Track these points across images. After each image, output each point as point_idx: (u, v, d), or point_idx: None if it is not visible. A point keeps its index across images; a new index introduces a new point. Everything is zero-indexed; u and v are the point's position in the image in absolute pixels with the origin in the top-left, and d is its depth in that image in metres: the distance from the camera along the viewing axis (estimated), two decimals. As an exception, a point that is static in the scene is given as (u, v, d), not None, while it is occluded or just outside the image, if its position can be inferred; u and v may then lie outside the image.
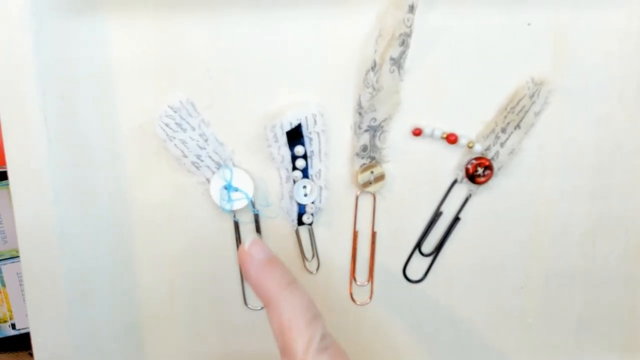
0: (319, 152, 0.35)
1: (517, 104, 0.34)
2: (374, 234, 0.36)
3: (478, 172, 0.35)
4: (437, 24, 0.33)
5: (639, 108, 0.35)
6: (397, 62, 0.33)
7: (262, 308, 0.37)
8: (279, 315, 0.27)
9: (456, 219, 0.36)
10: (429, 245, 0.37)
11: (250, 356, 0.38)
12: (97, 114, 0.33)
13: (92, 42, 0.32)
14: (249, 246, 0.29)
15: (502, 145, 0.35)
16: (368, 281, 0.37)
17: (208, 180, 0.35)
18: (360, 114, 0.34)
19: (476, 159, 0.35)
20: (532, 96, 0.34)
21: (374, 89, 0.33)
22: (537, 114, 0.34)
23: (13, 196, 0.31)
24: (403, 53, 0.33)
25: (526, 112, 0.34)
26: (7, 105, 0.30)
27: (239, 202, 0.35)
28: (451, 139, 0.34)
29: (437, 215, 0.36)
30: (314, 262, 0.37)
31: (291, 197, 0.35)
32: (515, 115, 0.34)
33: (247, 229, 0.36)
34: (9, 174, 0.31)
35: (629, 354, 0.39)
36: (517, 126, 0.34)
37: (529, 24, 0.34)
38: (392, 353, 0.38)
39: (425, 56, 0.33)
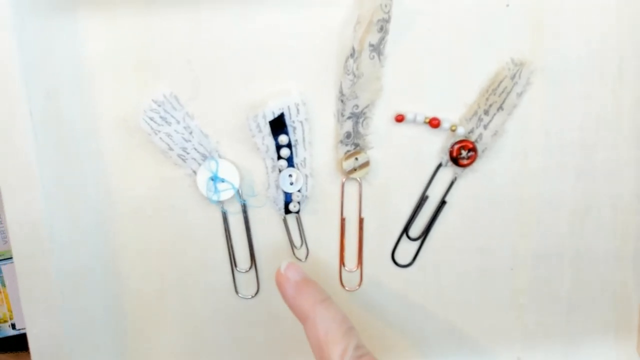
0: (303, 140, 0.36)
1: (499, 85, 0.35)
2: (361, 220, 0.37)
3: (462, 154, 0.36)
4: (416, 8, 0.34)
5: (620, 84, 0.36)
6: (377, 49, 0.34)
7: (252, 297, 0.39)
8: (315, 329, 0.30)
9: (442, 203, 0.37)
10: (416, 230, 0.38)
11: (242, 345, 0.39)
12: (81, 109, 0.35)
13: (74, 39, 0.34)
14: (285, 269, 0.33)
15: (485, 127, 0.36)
16: (357, 267, 0.38)
17: (195, 172, 0.36)
18: (342, 101, 0.35)
19: (459, 142, 0.36)
20: (513, 77, 0.35)
21: (354, 75, 0.34)
22: (519, 95, 0.35)
23: (3, 194, 0.33)
24: (382, 39, 0.34)
25: (508, 93, 0.35)
26: (-8, 104, 0.32)
27: (226, 193, 0.36)
28: (434, 123, 0.36)
29: (423, 199, 0.37)
30: (303, 250, 0.38)
31: (277, 186, 0.36)
32: (497, 97, 0.35)
33: (235, 219, 0.37)
34: (-2, 172, 0.33)
35: (620, 333, 0.40)
36: (500, 108, 0.36)
37: (507, 5, 0.35)
38: (382, 338, 0.39)
39: (404, 41, 0.35)
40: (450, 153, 0.36)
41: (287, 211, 0.37)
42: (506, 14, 0.35)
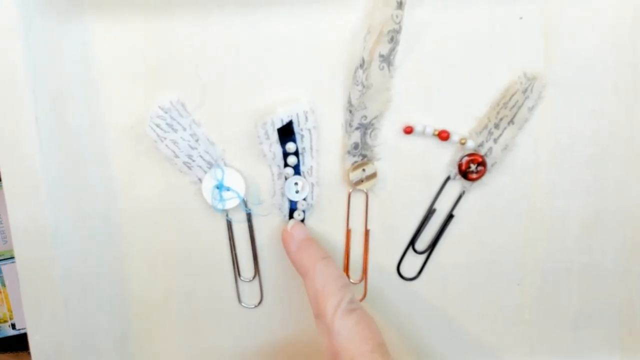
0: (311, 149, 0.36)
1: (510, 99, 0.35)
2: (367, 232, 0.38)
3: (471, 168, 0.36)
4: (427, 19, 0.34)
5: (633, 99, 0.36)
6: (387, 59, 0.34)
7: (255, 306, 0.39)
8: (314, 282, 0.32)
9: (450, 216, 0.37)
10: (423, 243, 0.38)
11: (245, 354, 0.40)
12: (87, 115, 0.35)
13: (81, 44, 0.34)
14: (291, 228, 0.36)
15: (495, 141, 0.36)
16: (362, 279, 0.38)
17: (200, 180, 0.36)
18: (350, 111, 0.35)
19: (469, 155, 0.36)
20: (525, 91, 0.35)
21: (363, 86, 0.34)
22: (530, 109, 0.36)
23: (7, 198, 0.33)
24: (392, 50, 0.34)
25: (519, 107, 0.35)
26: (-2, 109, 0.32)
27: (231, 202, 0.36)
28: (443, 135, 0.36)
29: (430, 212, 0.37)
30: (308, 260, 0.38)
31: (283, 194, 0.37)
32: (509, 111, 0.35)
33: (240, 228, 0.38)
34: (2, 177, 0.33)
35: (626, 350, 0.40)
36: (511, 121, 0.36)
37: (520, 18, 0.35)
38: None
39: (415, 52, 0.35)
40: (459, 166, 0.36)
41: (292, 219, 0.37)
42: (519, 27, 0.35)
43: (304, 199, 0.37)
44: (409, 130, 0.36)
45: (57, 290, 0.34)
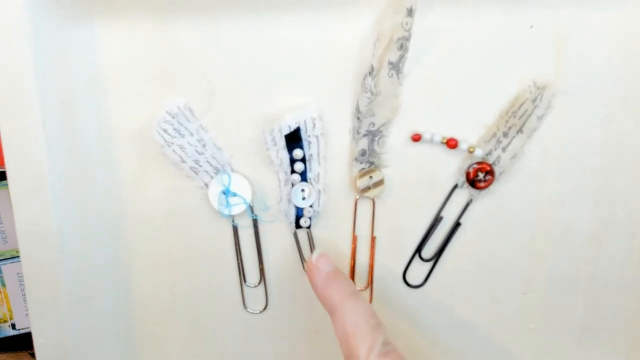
0: (318, 155, 0.36)
1: (519, 108, 0.35)
2: (373, 239, 0.38)
3: (479, 177, 0.36)
4: (437, 27, 0.35)
5: (644, 110, 0.36)
6: (396, 67, 0.34)
7: (260, 312, 0.39)
8: (343, 322, 0.30)
9: (457, 224, 0.38)
10: (429, 251, 0.38)
11: (249, 359, 0.40)
12: (95, 119, 0.35)
13: (90, 48, 0.34)
14: (316, 259, 0.34)
15: (504, 149, 0.36)
16: (367, 286, 0.39)
17: (207, 185, 0.37)
18: (358, 118, 0.35)
19: (477, 163, 0.36)
20: (534, 100, 0.35)
21: (372, 93, 0.34)
22: (540, 118, 0.36)
23: (13, 201, 0.33)
24: (402, 57, 0.34)
25: (528, 116, 0.36)
26: (6, 111, 0.32)
27: (238, 207, 0.37)
28: (451, 143, 0.36)
29: (437, 220, 0.38)
30: (313, 267, 0.39)
31: (289, 200, 0.37)
32: (517, 120, 0.36)
33: (246, 233, 0.38)
34: (9, 180, 0.33)
35: (632, 361, 0.40)
36: (520, 130, 0.36)
37: (531, 26, 0.35)
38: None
39: (424, 60, 0.35)
40: (467, 175, 0.36)
41: (298, 226, 0.38)
42: (529, 36, 0.35)
43: (311, 206, 0.37)
44: (417, 138, 0.36)
45: (62, 293, 0.35)
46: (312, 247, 0.38)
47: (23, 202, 0.33)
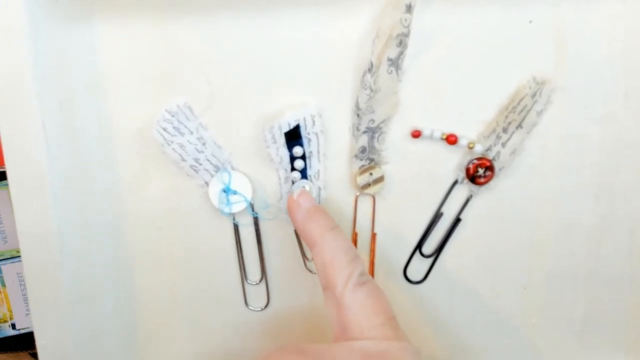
0: (318, 152, 0.37)
1: (519, 103, 0.36)
2: (374, 236, 0.38)
3: (479, 172, 0.37)
4: (436, 23, 0.35)
5: (644, 105, 0.37)
6: (395, 63, 0.35)
7: (262, 309, 0.40)
8: (322, 254, 0.32)
9: (457, 220, 0.38)
10: (429, 247, 0.39)
11: (251, 357, 0.41)
12: (94, 118, 0.35)
13: (89, 48, 0.34)
14: (297, 196, 0.35)
15: (503, 145, 0.37)
16: (368, 282, 0.39)
17: (207, 184, 0.37)
18: (358, 115, 0.36)
19: (477, 159, 0.37)
20: (534, 95, 0.36)
21: (371, 90, 0.35)
22: (539, 113, 0.36)
23: (14, 202, 0.34)
24: (401, 53, 0.34)
25: (528, 111, 0.36)
26: (5, 111, 0.32)
27: (238, 205, 0.37)
28: (451, 139, 0.36)
29: (437, 216, 0.38)
30: (314, 263, 0.39)
31: (290, 198, 0.37)
32: (517, 115, 0.36)
33: (247, 231, 0.38)
34: (9, 180, 0.33)
35: (632, 355, 0.41)
36: (519, 126, 0.36)
37: (530, 22, 0.35)
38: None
39: (423, 56, 0.35)
40: (467, 170, 0.37)
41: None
42: (529, 31, 0.35)
43: (311, 203, 0.37)
44: (416, 134, 0.36)
45: (63, 293, 0.35)
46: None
47: (23, 202, 0.34)
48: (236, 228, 0.38)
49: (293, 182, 0.37)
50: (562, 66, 0.36)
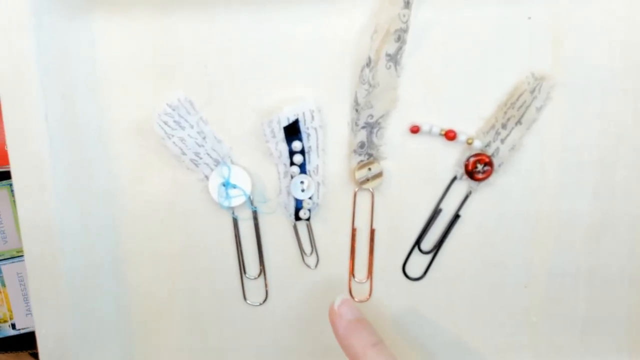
0: (317, 147, 0.38)
1: (518, 99, 0.37)
2: (372, 231, 0.39)
3: (478, 168, 0.37)
4: (434, 19, 0.36)
5: (643, 102, 0.37)
6: (394, 58, 0.36)
7: (260, 304, 0.40)
8: None
9: (456, 217, 0.39)
10: (428, 243, 0.39)
11: (249, 351, 0.41)
12: (96, 112, 0.37)
13: (91, 41, 0.36)
14: (339, 306, 0.34)
15: (502, 141, 0.37)
16: (367, 278, 0.40)
17: (207, 177, 0.38)
18: (357, 110, 0.37)
19: (475, 155, 0.37)
20: (532, 91, 0.36)
21: (370, 85, 0.36)
22: (538, 109, 0.37)
23: (16, 194, 0.35)
24: (399, 49, 0.35)
25: (527, 107, 0.37)
26: (8, 104, 0.34)
27: (237, 199, 0.38)
28: (450, 135, 0.37)
29: (436, 212, 0.39)
30: (313, 258, 0.40)
31: (288, 193, 0.38)
32: (516, 111, 0.37)
33: (246, 225, 0.39)
34: (12, 173, 0.35)
35: (633, 353, 0.41)
36: (518, 122, 0.37)
37: (529, 18, 0.36)
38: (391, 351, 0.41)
39: (422, 52, 0.36)
40: (466, 166, 0.38)
41: (298, 218, 0.39)
42: (527, 27, 0.36)
43: (310, 198, 0.38)
44: (415, 130, 0.37)
45: (63, 285, 0.36)
46: (311, 239, 0.40)
47: (25, 195, 0.35)
48: (235, 222, 0.39)
49: (292, 177, 0.38)
50: (560, 62, 0.36)
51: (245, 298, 0.40)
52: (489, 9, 0.36)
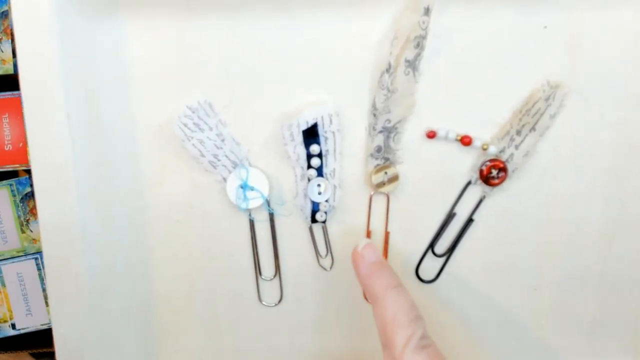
0: (334, 151, 0.39)
1: (533, 106, 0.38)
2: (387, 234, 0.40)
3: (492, 174, 0.39)
4: (453, 26, 0.37)
5: (656, 111, 0.38)
6: (412, 64, 0.37)
7: (275, 305, 0.41)
8: (384, 312, 0.32)
9: (470, 220, 0.40)
10: (442, 246, 0.41)
11: (265, 352, 0.42)
12: (118, 113, 0.37)
13: (114, 43, 0.36)
14: (362, 248, 0.36)
15: (516, 147, 0.39)
16: (381, 280, 0.41)
17: (225, 179, 0.39)
18: (374, 115, 0.38)
19: (490, 160, 0.39)
20: (547, 99, 0.38)
21: (388, 90, 0.37)
22: (552, 117, 0.38)
23: (37, 194, 0.35)
24: (418, 55, 0.36)
25: (541, 114, 0.38)
26: (31, 105, 0.34)
27: (255, 201, 0.39)
28: (465, 141, 0.38)
29: (450, 216, 0.40)
30: (328, 259, 0.41)
31: (305, 195, 0.39)
32: (531, 118, 0.38)
33: (262, 227, 0.40)
34: (33, 173, 0.35)
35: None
36: (532, 128, 0.38)
37: (545, 27, 0.37)
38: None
39: (440, 58, 0.37)
40: (481, 172, 0.39)
41: (314, 220, 0.40)
42: (543, 36, 0.37)
43: (326, 201, 0.39)
44: (431, 135, 0.38)
45: (82, 285, 0.37)
46: (327, 242, 0.40)
47: (47, 195, 0.35)
48: (252, 224, 0.40)
49: (309, 180, 0.39)
50: (575, 70, 0.38)
51: (260, 299, 0.41)
52: (505, 18, 0.37)
